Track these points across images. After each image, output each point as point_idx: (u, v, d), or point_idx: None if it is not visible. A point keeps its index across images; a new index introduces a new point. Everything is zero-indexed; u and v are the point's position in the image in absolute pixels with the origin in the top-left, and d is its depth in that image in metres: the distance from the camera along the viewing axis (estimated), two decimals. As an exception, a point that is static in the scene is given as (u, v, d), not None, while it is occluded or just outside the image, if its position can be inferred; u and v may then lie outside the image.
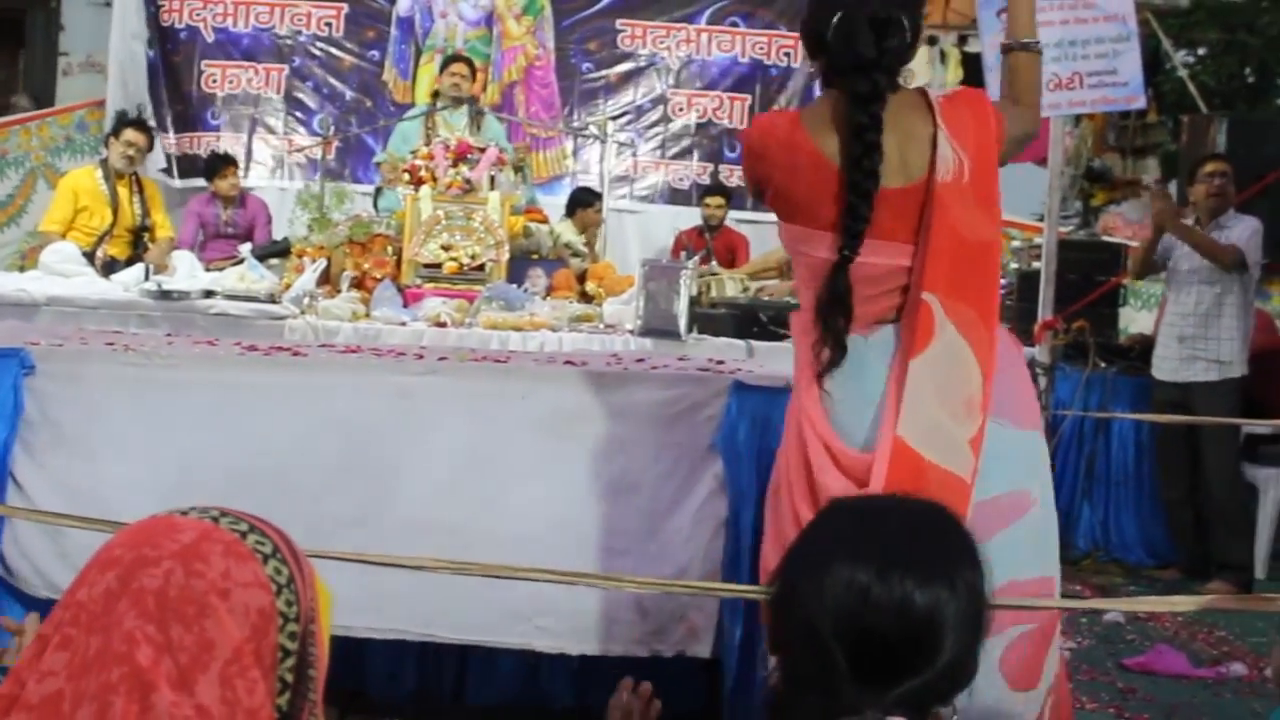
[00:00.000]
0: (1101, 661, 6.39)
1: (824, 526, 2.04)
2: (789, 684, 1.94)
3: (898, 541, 1.94)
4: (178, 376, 4.61)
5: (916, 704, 1.89)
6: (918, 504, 2.07)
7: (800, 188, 3.50)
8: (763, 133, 3.60)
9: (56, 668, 1.57)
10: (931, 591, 1.89)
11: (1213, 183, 8.21)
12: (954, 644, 1.89)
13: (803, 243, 3.55)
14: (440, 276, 7.99)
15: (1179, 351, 8.19)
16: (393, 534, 4.32)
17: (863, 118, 3.41)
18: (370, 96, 13.20)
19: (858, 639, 1.86)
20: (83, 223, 9.49)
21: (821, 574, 1.89)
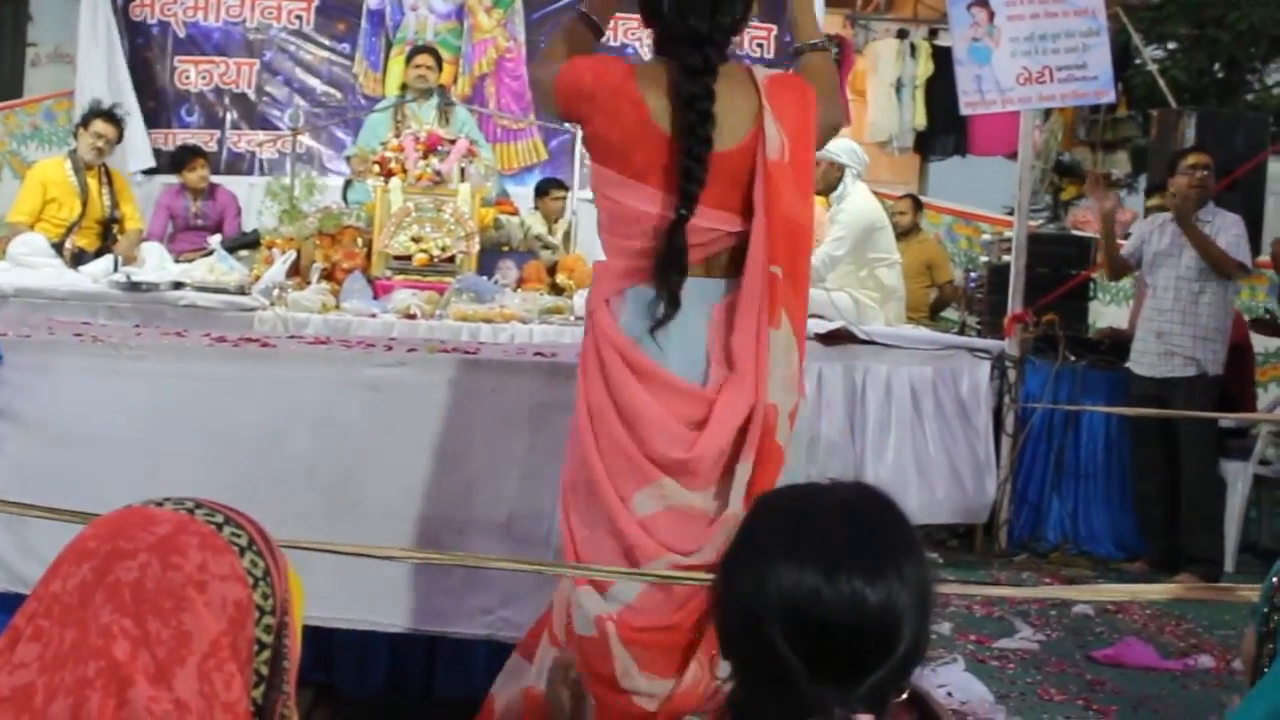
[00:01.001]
0: (1070, 654, 6.41)
1: (760, 528, 2.00)
2: (748, 689, 1.94)
3: (841, 538, 1.92)
4: (146, 368, 4.59)
5: (880, 696, 1.89)
6: (849, 492, 2.05)
7: (616, 136, 3.62)
8: (595, 75, 3.67)
9: (29, 660, 1.56)
10: (883, 585, 1.87)
11: (1194, 175, 8.23)
12: (910, 632, 1.89)
13: (616, 189, 3.65)
14: (410, 268, 7.97)
15: (1156, 347, 8.23)
16: (362, 525, 4.31)
17: (696, 88, 3.57)
18: (341, 89, 13.20)
19: (814, 642, 1.85)
20: (51, 214, 9.44)
21: (768, 580, 1.87)
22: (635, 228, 3.62)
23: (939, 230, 13.01)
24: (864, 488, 2.07)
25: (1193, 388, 8.10)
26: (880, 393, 8.05)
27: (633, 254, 3.64)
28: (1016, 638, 6.58)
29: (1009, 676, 5.97)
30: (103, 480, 4.27)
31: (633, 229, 3.63)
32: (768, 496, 2.13)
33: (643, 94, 3.60)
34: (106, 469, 4.35)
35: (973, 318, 10.16)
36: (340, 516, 4.37)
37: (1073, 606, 7.12)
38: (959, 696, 5.51)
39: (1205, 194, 8.24)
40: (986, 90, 8.23)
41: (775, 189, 3.57)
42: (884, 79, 14.67)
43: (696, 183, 3.55)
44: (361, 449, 4.46)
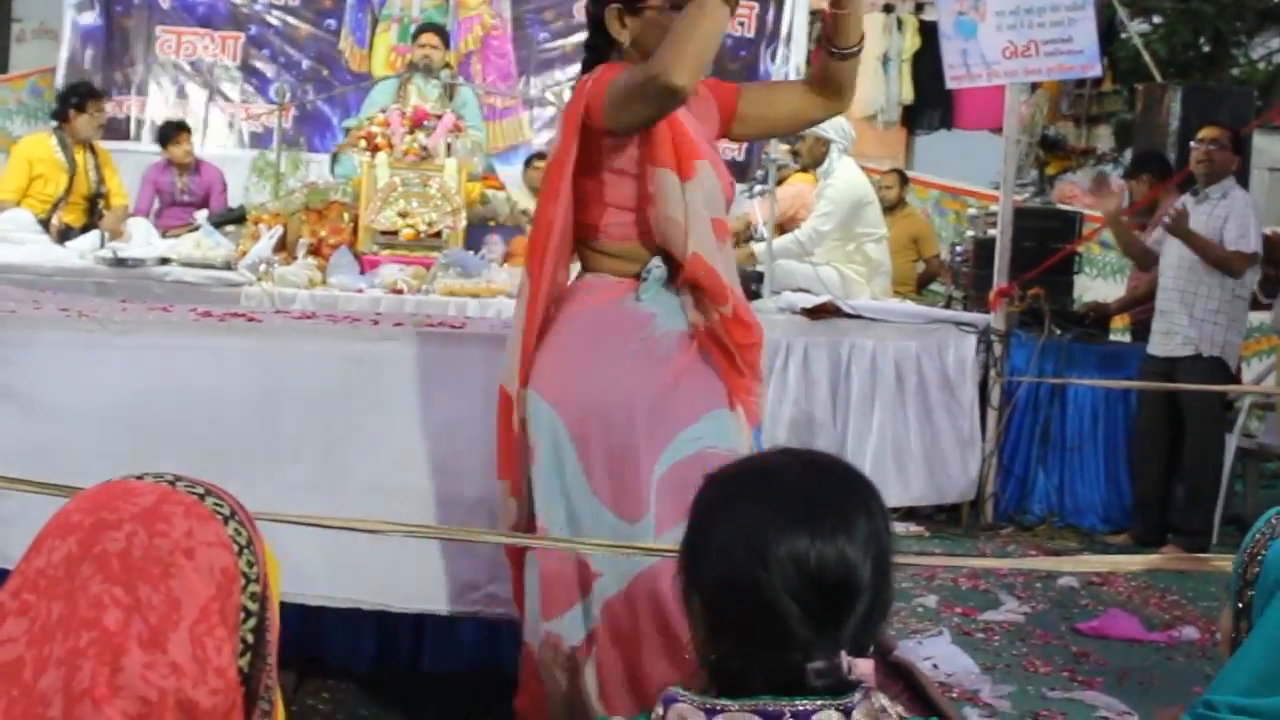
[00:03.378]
0: (1055, 625, 6.43)
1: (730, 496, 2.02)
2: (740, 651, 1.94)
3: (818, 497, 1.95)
4: (132, 342, 4.57)
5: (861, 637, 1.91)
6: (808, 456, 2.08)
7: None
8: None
9: (16, 634, 1.56)
10: (858, 531, 1.91)
11: (1201, 148, 8.23)
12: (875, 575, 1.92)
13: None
14: (397, 243, 7.98)
15: (1161, 325, 8.26)
16: (349, 500, 4.30)
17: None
18: (327, 65, 13.17)
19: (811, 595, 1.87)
20: (37, 190, 9.43)
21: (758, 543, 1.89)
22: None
23: (925, 205, 13.03)
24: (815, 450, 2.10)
25: (1195, 366, 8.11)
26: (865, 367, 8.08)
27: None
28: (1002, 610, 6.60)
29: (994, 648, 6.00)
30: (88, 455, 4.26)
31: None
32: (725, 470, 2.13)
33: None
34: (92, 444, 4.34)
35: (958, 292, 10.18)
36: (327, 491, 4.37)
37: (1058, 579, 7.15)
38: (944, 668, 5.54)
39: (1213, 168, 8.24)
40: (972, 64, 8.23)
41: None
42: (870, 53, 14.62)
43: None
44: (348, 424, 4.45)
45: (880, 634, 2.01)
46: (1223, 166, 8.26)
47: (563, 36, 13.41)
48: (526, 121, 13.38)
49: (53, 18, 13.59)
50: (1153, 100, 11.12)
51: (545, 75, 13.39)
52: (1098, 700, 5.40)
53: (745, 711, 1.85)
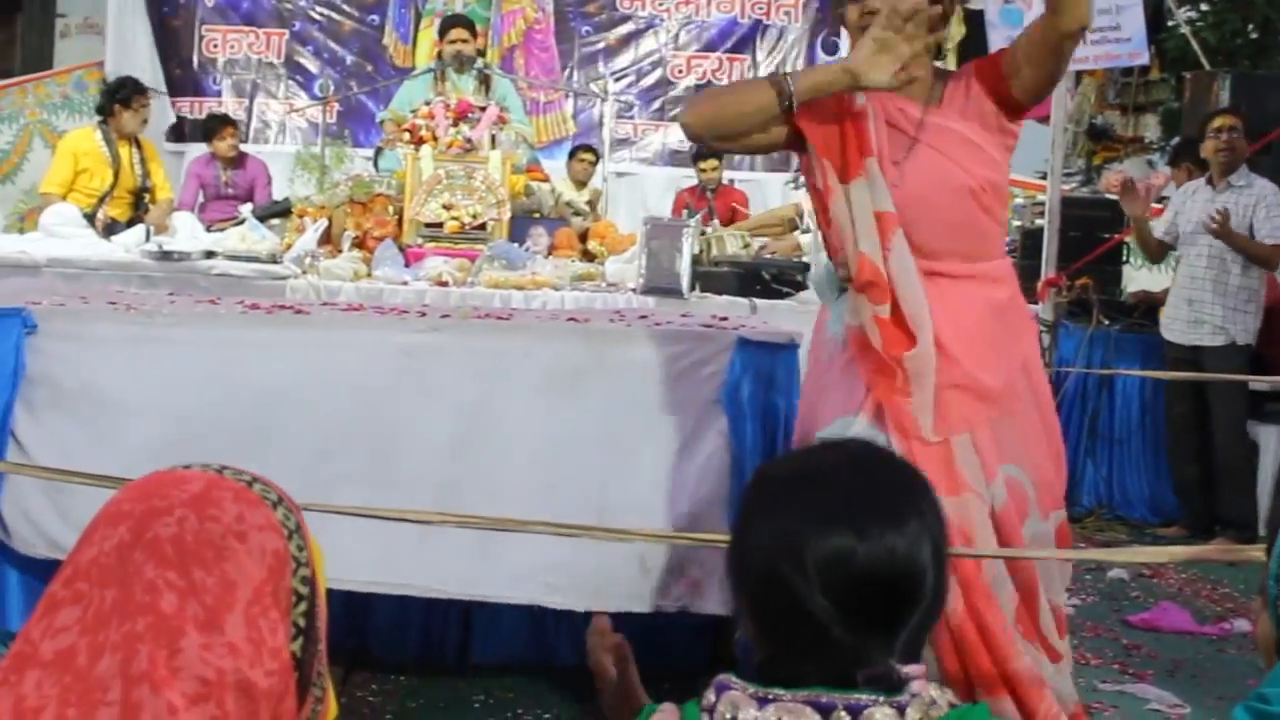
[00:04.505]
0: (1105, 618, 6.39)
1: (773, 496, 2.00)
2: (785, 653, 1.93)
3: (859, 490, 1.92)
4: (180, 335, 4.59)
5: (916, 647, 1.89)
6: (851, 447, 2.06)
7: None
8: None
9: (69, 623, 1.56)
10: (908, 532, 1.88)
11: (1220, 138, 8.16)
12: (934, 574, 1.90)
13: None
14: (442, 236, 7.97)
15: (1188, 314, 8.18)
16: (396, 491, 4.31)
17: None
18: (371, 61, 13.21)
19: (854, 598, 1.85)
20: (83, 184, 9.44)
21: (800, 545, 1.86)
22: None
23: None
24: (862, 442, 2.08)
25: (1222, 354, 8.05)
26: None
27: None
28: (1051, 602, 6.56)
29: (1045, 641, 5.96)
30: (137, 447, 4.29)
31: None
32: (774, 464, 2.12)
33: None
34: (141, 436, 4.36)
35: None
36: (375, 482, 4.37)
37: (1108, 571, 7.10)
38: (995, 661, 5.50)
39: (1234, 156, 8.17)
40: (1019, 53, 8.18)
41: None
42: (915, 43, 14.60)
43: None
44: (396, 415, 4.45)
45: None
46: (1241, 154, 8.20)
47: (605, 29, 13.41)
48: (569, 115, 13.39)
49: (97, 13, 13.64)
50: (1201, 89, 11.03)
51: (588, 69, 13.39)
52: (1149, 693, 5.37)
53: (798, 701, 1.83)
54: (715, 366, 4.51)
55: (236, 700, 1.53)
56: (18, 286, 5.45)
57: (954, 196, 3.58)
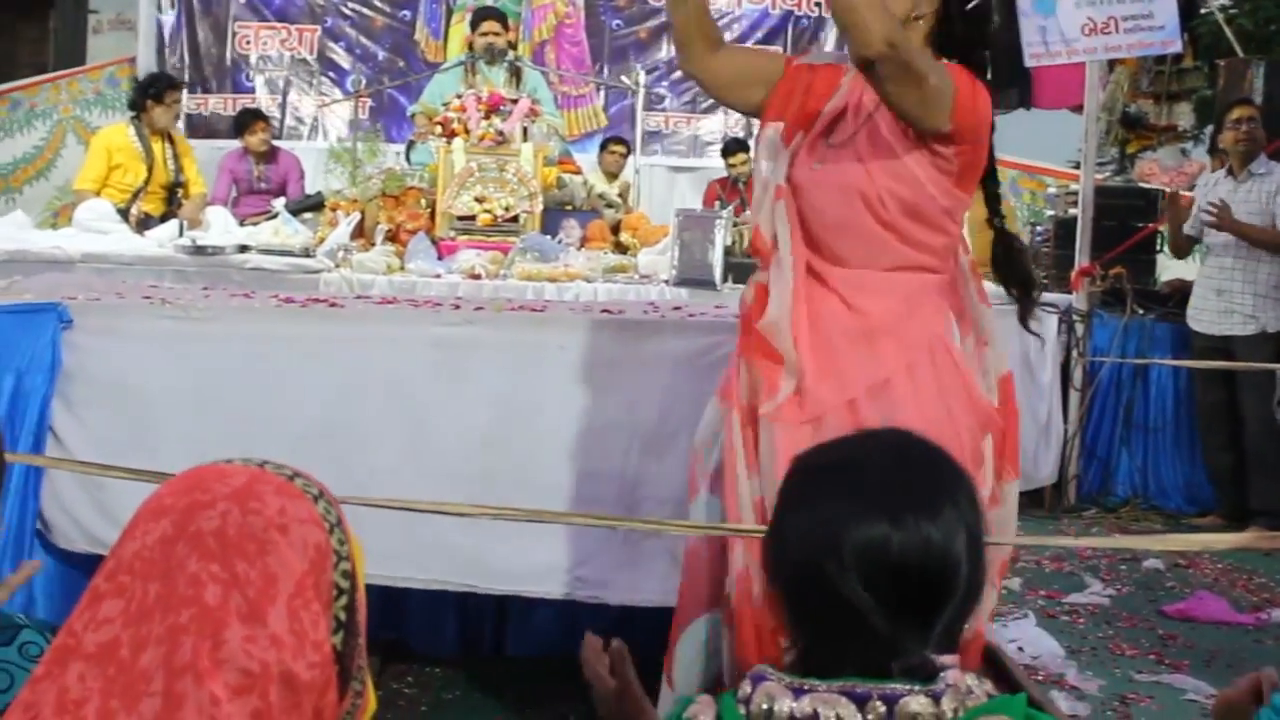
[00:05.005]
0: (1141, 608, 6.38)
1: (810, 486, 2.01)
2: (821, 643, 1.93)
3: (897, 481, 1.93)
4: (215, 329, 4.60)
5: (952, 637, 1.89)
6: (889, 437, 2.06)
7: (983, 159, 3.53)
8: (986, 103, 3.45)
9: (112, 616, 1.56)
10: (943, 521, 1.89)
11: (1240, 129, 8.15)
12: (969, 564, 1.90)
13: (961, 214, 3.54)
14: (474, 228, 7.98)
15: (1217, 304, 8.16)
16: (431, 484, 4.31)
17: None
18: (402, 56, 13.24)
19: (890, 587, 1.85)
20: (116, 180, 9.48)
21: (836, 534, 1.87)
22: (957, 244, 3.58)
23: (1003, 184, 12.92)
24: (903, 432, 2.07)
25: (1252, 344, 8.02)
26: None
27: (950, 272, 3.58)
28: (1087, 593, 6.56)
29: (1080, 631, 5.95)
30: (174, 440, 4.30)
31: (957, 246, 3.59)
32: (807, 456, 2.11)
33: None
34: (177, 430, 4.38)
35: (1039, 272, 10.09)
36: (409, 475, 4.38)
37: (1143, 561, 7.10)
38: (1030, 651, 5.51)
39: (1254, 146, 8.16)
40: (1051, 42, 8.14)
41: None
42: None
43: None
44: (430, 407, 4.45)
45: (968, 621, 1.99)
46: (1260, 144, 8.18)
47: (636, 23, 13.41)
48: (601, 108, 13.39)
49: (129, 9, 13.69)
50: (1235, 76, 10.97)
51: (619, 63, 13.38)
52: (1185, 683, 5.36)
53: (833, 692, 1.84)
54: (750, 355, 4.50)
55: (279, 692, 1.53)
56: (53, 282, 5.47)
57: (842, 195, 3.46)
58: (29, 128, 12.41)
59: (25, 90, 12.64)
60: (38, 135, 12.43)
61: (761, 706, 1.85)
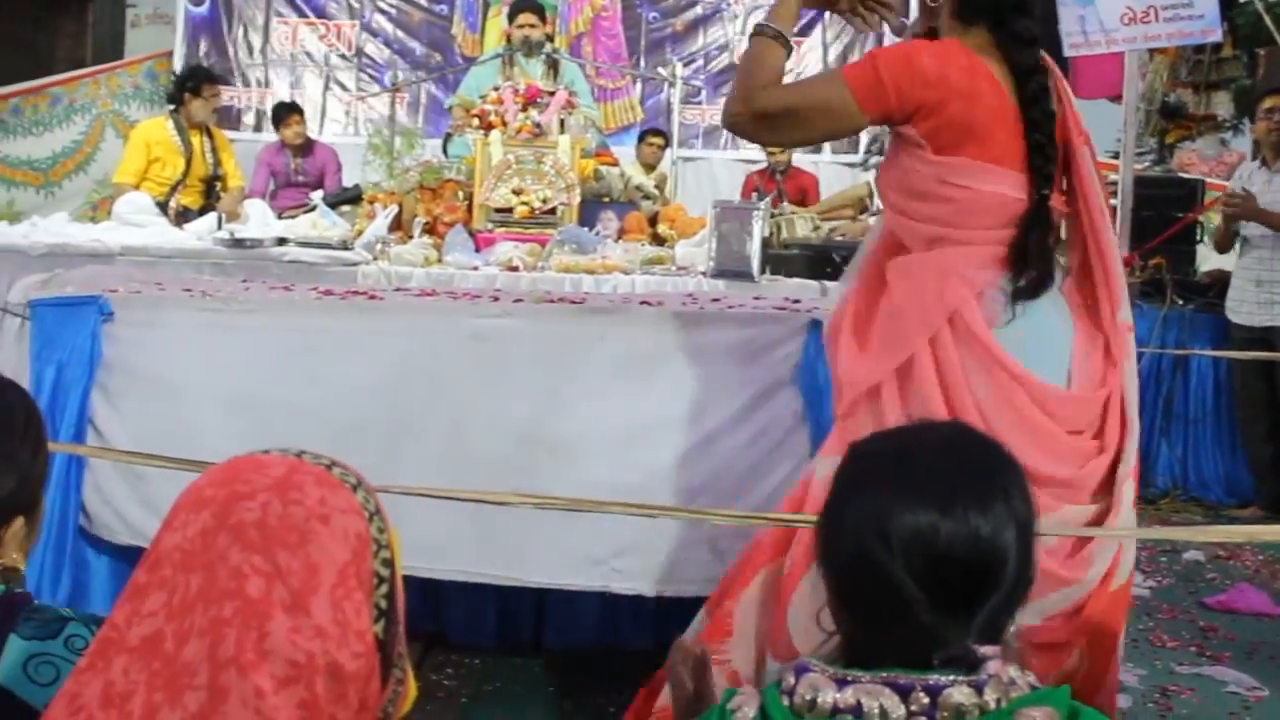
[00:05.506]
0: (1182, 600, 6.35)
1: (863, 474, 2.02)
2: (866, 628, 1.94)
3: (948, 472, 1.94)
4: (255, 321, 4.62)
5: (995, 628, 1.89)
6: (943, 429, 2.07)
7: (981, 116, 3.38)
8: (937, 57, 3.39)
9: (155, 609, 1.57)
10: (993, 514, 1.90)
11: (1272, 119, 8.12)
12: (1018, 558, 1.91)
13: (971, 176, 3.40)
14: (511, 221, 7.98)
15: (1256, 295, 8.11)
16: (470, 475, 4.32)
17: (1030, 58, 3.42)
18: (440, 51, 13.29)
19: (935, 576, 1.86)
20: (155, 173, 9.52)
21: (885, 522, 1.88)
22: (994, 217, 3.42)
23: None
24: (958, 424, 2.08)
25: (1294, 333, 7.99)
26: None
27: (989, 242, 3.43)
28: (1127, 584, 6.53)
29: (1120, 623, 5.92)
30: (214, 432, 4.32)
31: (991, 219, 3.42)
32: (862, 444, 2.12)
33: (991, 69, 3.42)
34: (217, 422, 4.40)
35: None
36: (449, 467, 4.39)
37: (1183, 553, 7.06)
38: (1071, 643, 5.48)
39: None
40: (1090, 31, 8.10)
41: (1089, 167, 3.51)
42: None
43: (1051, 160, 3.40)
44: (471, 399, 4.46)
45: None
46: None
47: (672, 15, 13.41)
48: (637, 101, 13.39)
49: (166, 3, 13.77)
50: (1274, 65, 10.95)
51: (655, 55, 13.38)
52: (1226, 675, 5.33)
53: (877, 683, 1.84)
54: (789, 349, 4.50)
55: (326, 683, 1.53)
56: (93, 274, 5.49)
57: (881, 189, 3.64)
58: (68, 122, 12.49)
59: (64, 85, 12.72)
60: (76, 130, 12.52)
61: (805, 697, 1.86)
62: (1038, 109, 3.39)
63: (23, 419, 2.17)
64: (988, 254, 3.43)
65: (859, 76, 3.40)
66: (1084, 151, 3.49)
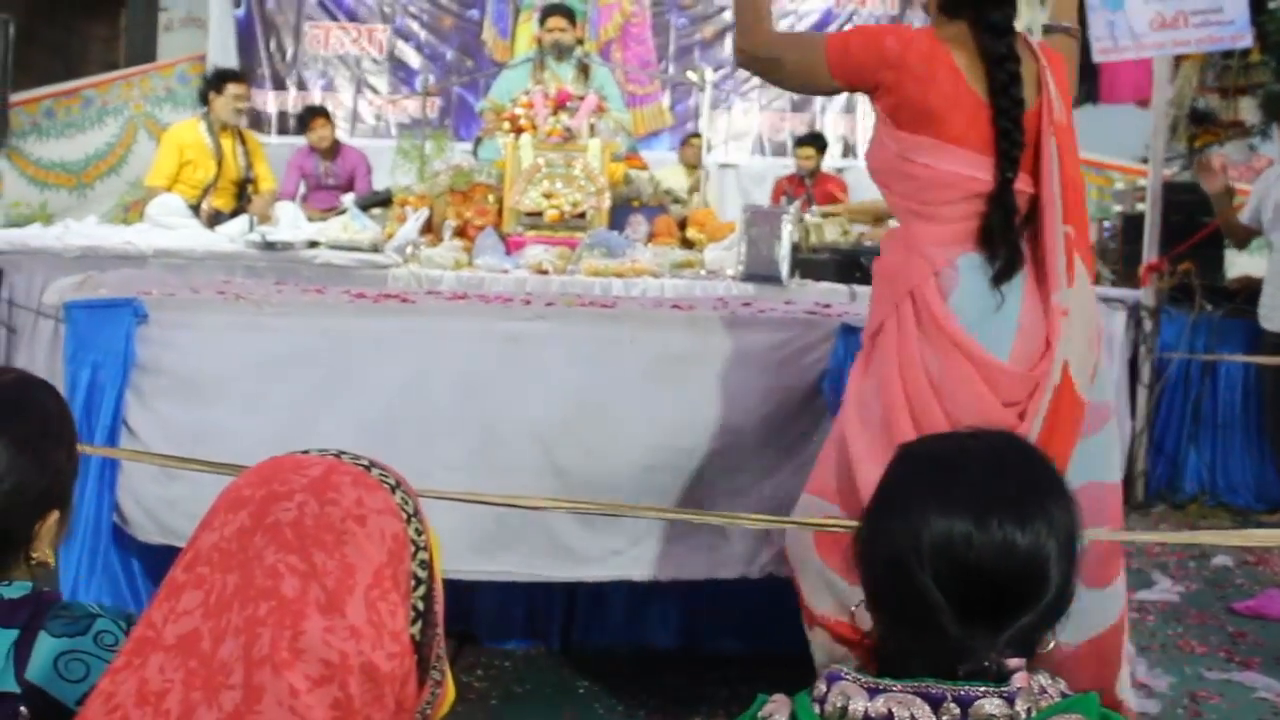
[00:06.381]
0: (1210, 605, 6.34)
1: (905, 478, 2.02)
2: (897, 634, 1.94)
3: (989, 484, 1.92)
4: (288, 324, 4.64)
5: (1028, 641, 1.89)
6: (993, 439, 2.06)
7: (935, 100, 3.61)
8: (904, 43, 3.66)
9: (191, 607, 1.57)
10: (1031, 529, 1.88)
11: None
12: (1057, 576, 1.89)
13: (929, 154, 3.64)
14: (542, 224, 8.01)
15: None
16: (501, 478, 4.34)
17: (1002, 48, 3.62)
18: (470, 55, 13.32)
19: (964, 586, 1.86)
20: (187, 176, 9.56)
21: (918, 526, 1.88)
22: (954, 192, 3.64)
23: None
24: (1007, 435, 2.07)
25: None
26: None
27: (953, 219, 3.65)
28: (1156, 589, 6.52)
29: (1149, 628, 5.92)
30: (248, 434, 4.34)
31: (951, 194, 3.64)
32: (911, 446, 2.12)
33: (954, 56, 3.63)
34: (251, 424, 4.41)
35: (1106, 268, 10.04)
36: (480, 469, 4.41)
37: (1212, 558, 7.04)
38: (1099, 648, 5.47)
39: None
40: (1120, 36, 8.10)
41: (1065, 149, 3.65)
42: (1013, 27, 14.44)
43: (1017, 145, 3.60)
44: (502, 402, 4.48)
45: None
46: None
47: (701, 21, 13.42)
48: (667, 107, 13.40)
49: (199, 7, 13.81)
50: (1303, 70, 10.88)
51: (684, 61, 13.40)
52: (1256, 681, 5.31)
53: (908, 692, 1.84)
54: (819, 353, 4.52)
55: (360, 683, 1.54)
56: (127, 277, 5.52)
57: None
58: (100, 124, 12.57)
59: (97, 88, 12.79)
60: (109, 132, 12.59)
61: (836, 705, 1.86)
62: (1006, 97, 3.59)
63: (56, 419, 2.20)
64: (949, 231, 3.65)
65: (835, 46, 3.70)
66: (1050, 141, 3.64)
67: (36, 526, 2.11)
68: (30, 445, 2.11)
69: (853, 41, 3.70)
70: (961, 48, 3.64)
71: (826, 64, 3.69)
